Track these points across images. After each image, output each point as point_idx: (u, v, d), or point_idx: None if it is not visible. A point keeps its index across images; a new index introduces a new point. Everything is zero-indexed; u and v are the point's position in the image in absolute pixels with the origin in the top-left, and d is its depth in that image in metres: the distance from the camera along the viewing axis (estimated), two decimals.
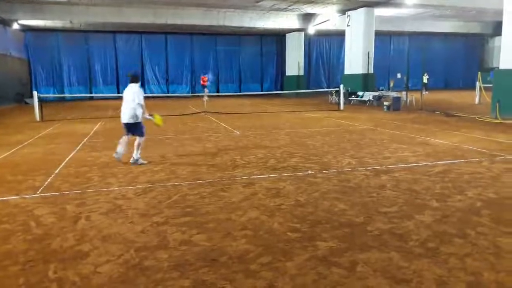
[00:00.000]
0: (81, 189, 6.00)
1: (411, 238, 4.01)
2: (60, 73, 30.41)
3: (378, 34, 25.36)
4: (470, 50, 39.12)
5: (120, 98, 7.88)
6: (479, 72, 20.82)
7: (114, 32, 30.95)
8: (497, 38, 36.79)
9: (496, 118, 13.58)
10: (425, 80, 29.55)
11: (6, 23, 24.16)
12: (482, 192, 5.51)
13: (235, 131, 12.12)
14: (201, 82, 27.63)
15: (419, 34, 34.90)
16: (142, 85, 32.31)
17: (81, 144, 10.00)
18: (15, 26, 25.12)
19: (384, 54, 36.80)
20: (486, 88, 18.60)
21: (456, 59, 39.17)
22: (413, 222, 4.44)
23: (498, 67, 14.62)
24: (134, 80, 7.58)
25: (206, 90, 25.84)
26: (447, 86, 38.64)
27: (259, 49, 35.43)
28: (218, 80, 34.55)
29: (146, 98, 7.90)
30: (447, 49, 39.12)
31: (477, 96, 20.28)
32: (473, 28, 34.35)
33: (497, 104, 13.77)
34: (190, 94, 31.11)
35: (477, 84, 20.07)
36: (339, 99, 19.61)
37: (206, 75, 29.17)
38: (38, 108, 15.75)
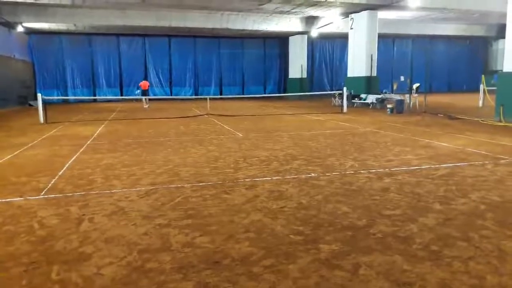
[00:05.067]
0: (84, 191, 6.01)
1: (415, 241, 3.99)
2: (64, 76, 30.53)
3: (381, 37, 25.36)
4: (473, 53, 39.04)
5: (124, 100, 7.87)
6: (483, 75, 20.77)
7: (117, 35, 31.09)
8: (501, 41, 36.65)
9: (500, 121, 13.54)
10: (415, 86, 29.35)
11: (10, 25, 24.30)
12: (486, 195, 5.49)
13: (238, 133, 12.13)
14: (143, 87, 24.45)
15: (423, 37, 34.89)
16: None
17: (84, 146, 10.03)
18: (19, 28, 25.25)
19: (388, 57, 36.79)
20: (490, 91, 18.55)
21: (459, 62, 39.11)
22: (416, 225, 4.42)
23: (502, 70, 14.57)
24: None
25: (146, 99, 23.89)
26: (451, 89, 38.57)
27: (262, 52, 35.49)
28: (221, 83, 34.63)
29: (150, 100, 7.89)
30: (451, 52, 39.09)
31: (481, 99, 20.23)
32: (477, 31, 34.31)
33: (501, 107, 13.73)
34: (193, 97, 31.18)
35: (481, 87, 20.02)
36: (342, 102, 19.60)
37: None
38: (42, 110, 15.82)
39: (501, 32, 34.49)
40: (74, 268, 3.55)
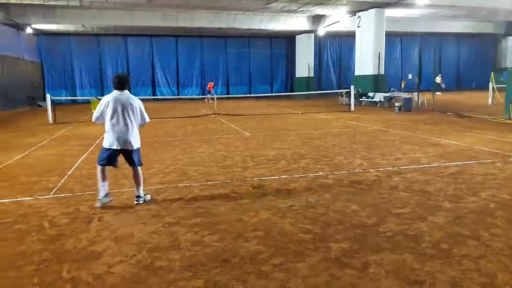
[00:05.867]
0: (93, 190, 6.04)
1: (424, 240, 3.97)
2: (72, 76, 30.77)
3: (389, 35, 25.21)
4: (482, 50, 38.63)
5: None
6: (492, 73, 20.58)
7: (125, 35, 31.25)
8: (510, 38, 36.35)
9: (509, 118, 13.41)
10: (438, 81, 28.95)
11: (20, 27, 24.51)
12: (495, 194, 5.45)
13: (245, 132, 12.13)
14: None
15: (431, 34, 34.63)
16: (153, 87, 32.53)
17: (93, 146, 10.08)
18: (28, 30, 25.49)
19: (395, 55, 36.60)
20: (499, 89, 18.38)
21: (468, 60, 38.81)
22: (426, 224, 4.40)
23: (511, 67, 14.43)
24: (125, 85, 5.44)
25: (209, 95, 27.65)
26: (460, 87, 38.24)
27: (269, 51, 35.45)
28: (228, 82, 34.65)
29: (157, 100, 7.90)
30: (459, 49, 38.78)
31: (490, 97, 20.05)
32: (485, 28, 33.96)
33: (510, 105, 13.60)
34: (200, 96, 31.23)
35: (490, 84, 19.83)
36: (349, 100, 19.53)
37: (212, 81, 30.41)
38: (51, 110, 15.94)
39: (510, 29, 34.18)
40: (85, 266, 3.58)
